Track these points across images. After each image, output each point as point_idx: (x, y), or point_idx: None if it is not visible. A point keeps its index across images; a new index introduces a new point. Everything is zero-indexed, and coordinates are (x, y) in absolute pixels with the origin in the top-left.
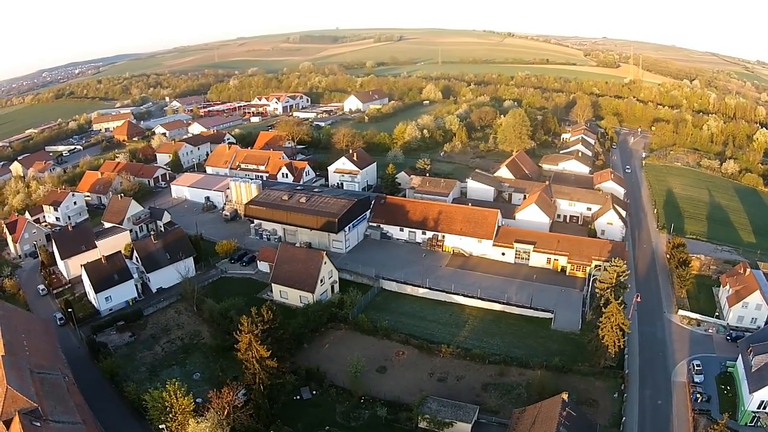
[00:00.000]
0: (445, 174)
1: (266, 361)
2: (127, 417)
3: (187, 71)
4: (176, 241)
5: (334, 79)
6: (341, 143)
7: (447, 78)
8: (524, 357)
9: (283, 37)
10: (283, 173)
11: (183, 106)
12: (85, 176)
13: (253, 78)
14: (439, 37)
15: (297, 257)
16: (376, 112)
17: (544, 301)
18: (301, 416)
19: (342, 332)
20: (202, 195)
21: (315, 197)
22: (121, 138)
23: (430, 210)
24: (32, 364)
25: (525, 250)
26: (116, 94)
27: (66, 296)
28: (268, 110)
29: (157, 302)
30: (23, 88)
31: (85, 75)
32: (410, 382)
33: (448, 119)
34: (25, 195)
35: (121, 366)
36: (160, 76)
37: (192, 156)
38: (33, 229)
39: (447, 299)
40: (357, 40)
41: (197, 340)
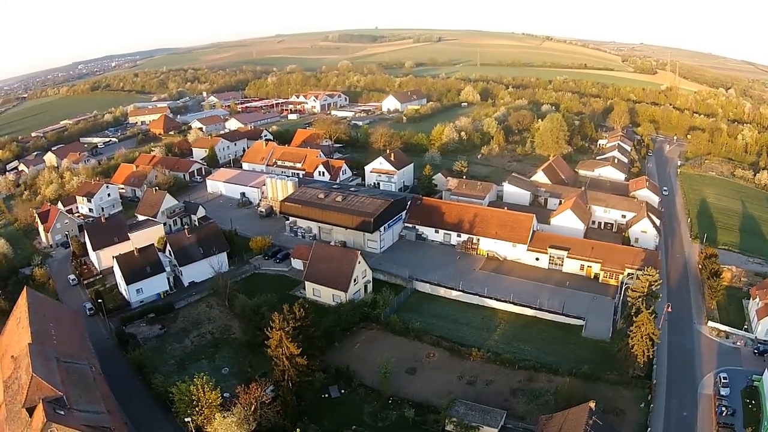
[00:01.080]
0: (481, 177)
1: (296, 358)
2: (153, 409)
3: (225, 67)
4: (210, 236)
5: (373, 78)
6: (379, 143)
7: (485, 80)
8: (554, 363)
9: (322, 35)
10: (319, 171)
11: (220, 101)
12: (119, 168)
13: (292, 75)
14: (478, 38)
15: (331, 256)
16: (414, 113)
17: (576, 308)
18: (328, 415)
19: (373, 332)
20: (237, 191)
21: (351, 196)
22: (157, 131)
23: (465, 212)
24: (59, 353)
25: (559, 256)
26: (153, 88)
27: (96, 287)
28: (306, 108)
29: (189, 296)
30: (58, 79)
31: (122, 68)
32: (439, 385)
33: (485, 122)
34: (59, 185)
35: (150, 358)
36: (197, 71)
37: (228, 151)
38: (65, 219)
39: (480, 303)
40: (396, 40)
41: (228, 335)
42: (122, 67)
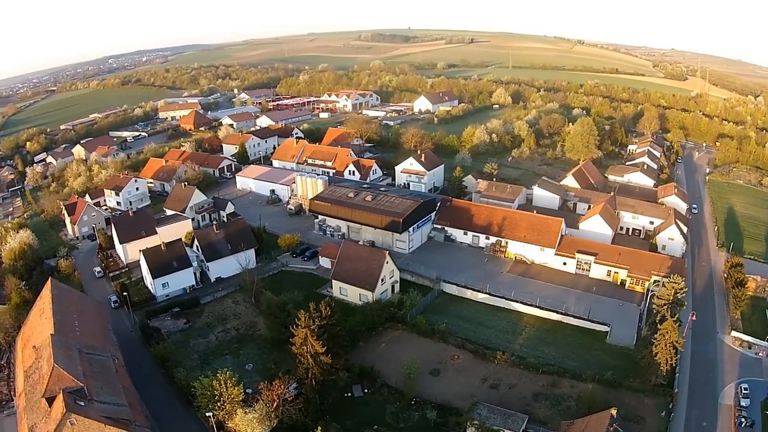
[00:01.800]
0: (511, 180)
1: (321, 356)
2: (175, 403)
3: (257, 64)
4: (238, 232)
5: (405, 78)
6: (410, 143)
7: (517, 83)
8: (577, 369)
9: (354, 34)
10: (350, 170)
11: (251, 98)
12: (149, 163)
13: (324, 74)
14: (510, 41)
15: (359, 255)
16: (445, 114)
17: (602, 313)
18: (350, 414)
19: (399, 332)
20: (267, 188)
21: (381, 196)
22: (187, 127)
23: (494, 215)
24: (82, 344)
25: (586, 261)
26: (184, 84)
27: (122, 280)
28: (338, 107)
29: (215, 291)
30: (88, 73)
31: (153, 63)
32: (462, 387)
33: (517, 124)
34: (87, 178)
35: (173, 352)
36: (228, 68)
37: (259, 148)
38: (92, 212)
39: (506, 306)
40: (428, 40)
41: (253, 332)
42: (153, 63)
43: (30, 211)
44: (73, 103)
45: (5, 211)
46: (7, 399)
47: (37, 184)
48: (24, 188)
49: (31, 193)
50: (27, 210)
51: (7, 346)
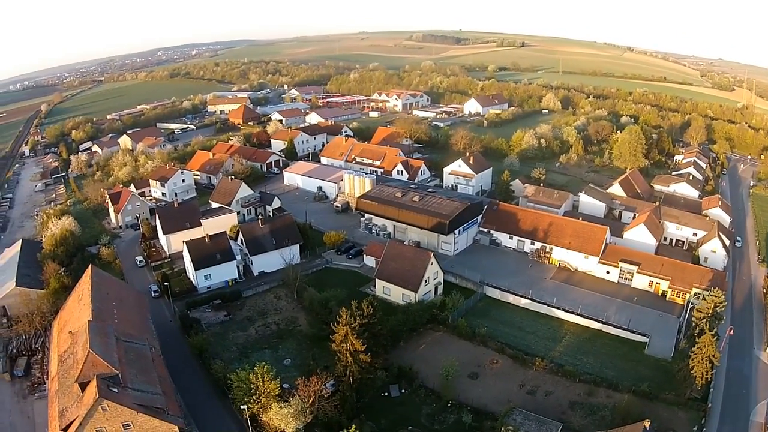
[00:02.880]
0: (558, 185)
1: (360, 355)
2: (210, 394)
3: (308, 61)
4: (284, 228)
5: (456, 80)
6: (459, 145)
7: (567, 88)
8: (614, 379)
9: (406, 34)
10: (398, 170)
11: (301, 95)
12: (196, 155)
13: (374, 73)
14: (561, 46)
15: (404, 255)
16: (495, 117)
17: (642, 324)
18: (386, 413)
19: (440, 334)
20: (314, 184)
21: (428, 197)
22: (236, 121)
23: (540, 220)
24: (119, 332)
25: (629, 271)
26: (233, 78)
27: (164, 270)
28: (388, 106)
29: (258, 285)
30: (137, 64)
31: (202, 57)
32: (499, 392)
33: (565, 130)
34: (132, 168)
35: (212, 344)
36: (279, 64)
37: (307, 145)
38: (137, 201)
39: (548, 312)
40: (480, 42)
41: (293, 327)
42: (202, 56)
43: (73, 198)
44: (121, 94)
45: (48, 198)
46: (39, 382)
47: (82, 172)
48: (68, 176)
49: (75, 181)
50: (70, 197)
51: (43, 330)
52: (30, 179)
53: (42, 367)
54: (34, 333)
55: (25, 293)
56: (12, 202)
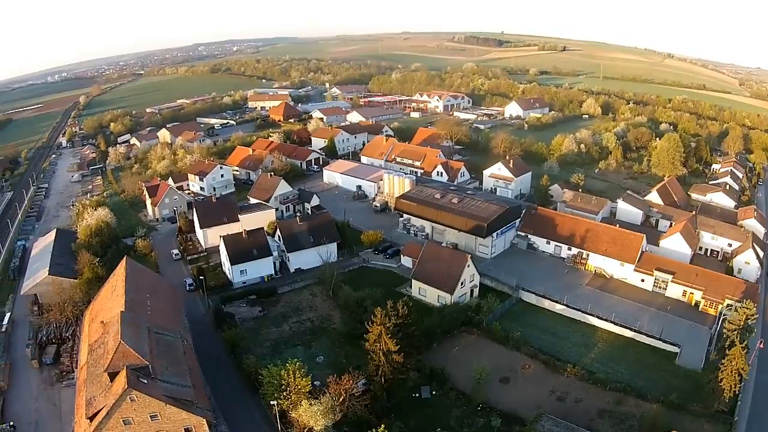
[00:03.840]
0: (597, 191)
1: (393, 355)
2: (240, 389)
3: (349, 60)
4: (322, 225)
5: (497, 83)
6: (499, 148)
7: (607, 93)
8: (644, 388)
9: (448, 35)
10: (438, 172)
11: (343, 93)
12: (235, 151)
13: (416, 73)
14: (602, 51)
15: (441, 256)
16: (535, 121)
17: (674, 334)
18: (415, 414)
19: (473, 337)
20: (354, 183)
21: (467, 199)
22: (276, 118)
23: (578, 226)
24: (152, 323)
25: (664, 279)
26: (275, 75)
27: (200, 264)
28: (429, 107)
29: (293, 282)
30: (177, 59)
31: (243, 53)
32: (530, 397)
33: (605, 136)
34: (171, 162)
35: (245, 338)
36: (321, 62)
37: (348, 144)
38: (175, 195)
39: (581, 319)
40: (521, 45)
41: (327, 325)
42: (243, 52)
43: (110, 190)
44: (160, 88)
45: (84, 189)
46: (67, 370)
47: (119, 164)
48: (105, 167)
49: (112, 173)
50: (107, 189)
51: (74, 320)
52: (67, 170)
53: (71, 356)
54: (65, 322)
55: (57, 282)
56: (48, 191)
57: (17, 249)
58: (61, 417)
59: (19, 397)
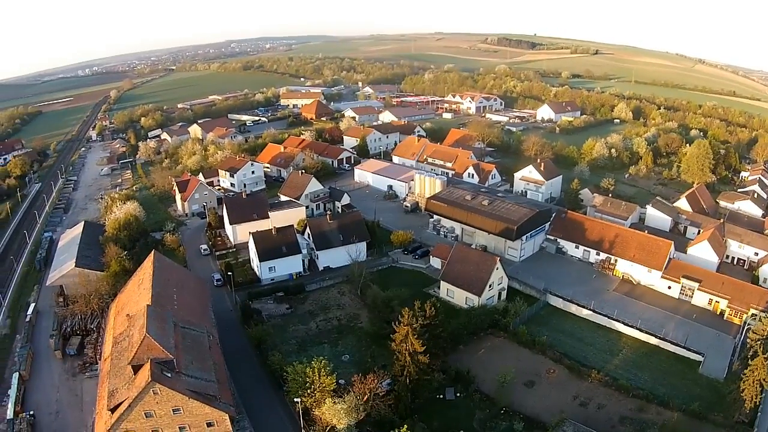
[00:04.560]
0: (627, 197)
1: (419, 355)
2: (264, 385)
3: (382, 59)
4: (352, 224)
5: (530, 85)
6: (530, 151)
7: (638, 98)
8: (666, 396)
9: (481, 37)
10: (469, 173)
11: (375, 93)
12: (267, 148)
13: (449, 74)
14: (633, 55)
15: (470, 258)
16: (567, 124)
17: (698, 342)
18: (439, 415)
19: (500, 340)
20: (385, 183)
21: (497, 201)
22: (308, 116)
23: (607, 231)
24: (178, 317)
25: (690, 287)
26: (307, 73)
27: (228, 260)
28: (461, 108)
29: (322, 280)
30: (209, 55)
31: (276, 50)
32: (553, 402)
33: (635, 141)
34: (201, 157)
35: (271, 335)
36: (353, 61)
37: (379, 143)
38: (205, 190)
39: (607, 324)
40: (554, 48)
41: (354, 324)
42: (276, 50)
43: (139, 184)
44: (192, 84)
45: (114, 182)
46: (91, 362)
47: (149, 158)
48: (135, 161)
49: (142, 167)
50: (136, 183)
51: (100, 312)
52: (96, 163)
53: (95, 348)
54: (90, 313)
55: (84, 274)
56: (76, 184)
57: (44, 240)
58: (82, 408)
59: (41, 387)
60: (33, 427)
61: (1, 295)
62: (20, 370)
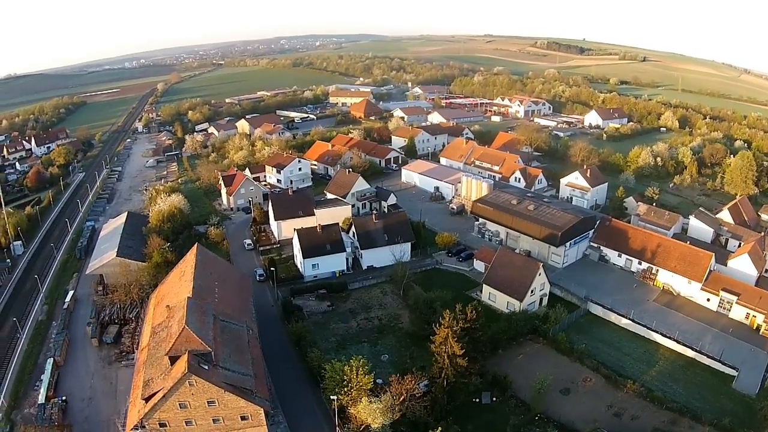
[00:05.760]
0: (670, 206)
1: (458, 358)
2: (302, 382)
3: (432, 60)
4: (397, 224)
5: (578, 90)
6: (577, 157)
7: (685, 107)
8: (699, 410)
9: (530, 40)
10: (515, 177)
11: (424, 93)
12: (315, 145)
13: (498, 77)
14: (680, 63)
15: (514, 263)
16: (614, 131)
17: (733, 357)
18: (474, 419)
19: (539, 346)
20: (431, 184)
21: (543, 207)
22: (357, 115)
23: (650, 241)
24: (218, 311)
25: (728, 300)
26: (356, 72)
27: (272, 255)
28: (510, 111)
29: (365, 279)
30: (258, 51)
31: (326, 48)
32: (587, 411)
33: (681, 150)
34: (248, 153)
35: (311, 332)
36: (403, 61)
37: (427, 144)
38: (251, 185)
39: (645, 335)
40: (602, 54)
41: (395, 324)
42: (326, 47)
43: (185, 177)
44: (240, 79)
45: (159, 174)
46: (127, 351)
47: (196, 152)
48: (181, 154)
49: (188, 161)
50: (181, 176)
51: (139, 302)
52: (141, 155)
53: (133, 337)
54: (129, 303)
55: (125, 264)
56: (121, 175)
57: (86, 229)
58: (116, 396)
59: (75, 374)
60: (64, 413)
61: (40, 282)
62: (55, 356)
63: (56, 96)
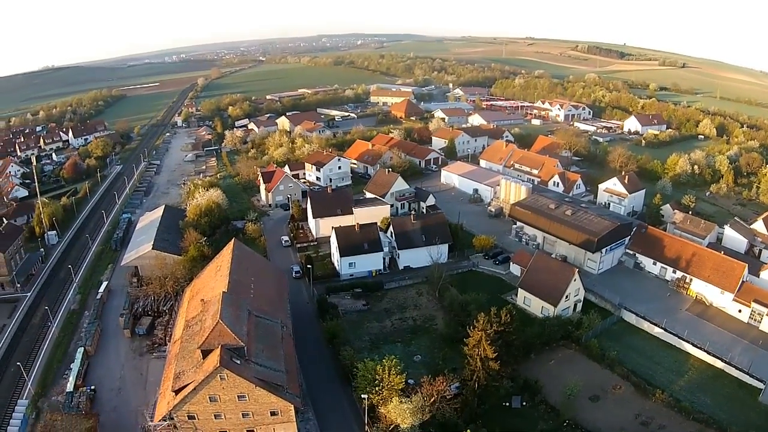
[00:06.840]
0: (706, 215)
1: (490, 362)
2: (333, 379)
3: (474, 62)
4: (435, 226)
5: (618, 95)
6: (615, 163)
7: (723, 115)
8: (725, 422)
9: (571, 44)
10: (554, 182)
11: (465, 95)
12: (355, 144)
13: (539, 80)
14: (720, 70)
15: (550, 267)
16: (653, 138)
17: (762, 369)
18: (503, 423)
19: (571, 352)
20: (470, 186)
21: (580, 212)
22: (398, 115)
23: (685, 249)
24: (253, 306)
25: (760, 312)
26: (398, 72)
27: (309, 252)
28: (550, 115)
29: (401, 279)
30: (300, 49)
31: (367, 47)
32: (615, 419)
33: (718, 159)
34: (288, 150)
35: (345, 330)
36: (445, 62)
37: (468, 146)
38: (290, 182)
39: (676, 344)
40: (642, 59)
41: (429, 325)
42: (368, 47)
43: (223, 172)
44: (281, 76)
45: (197, 169)
46: (160, 343)
47: (235, 147)
48: (220, 149)
49: (228, 156)
50: (220, 171)
51: (174, 295)
52: (180, 149)
53: (165, 330)
54: (163, 296)
55: (161, 257)
56: (159, 168)
57: (122, 221)
58: (146, 387)
59: (105, 364)
60: (92, 402)
61: (73, 272)
62: (86, 345)
63: (95, 89)
